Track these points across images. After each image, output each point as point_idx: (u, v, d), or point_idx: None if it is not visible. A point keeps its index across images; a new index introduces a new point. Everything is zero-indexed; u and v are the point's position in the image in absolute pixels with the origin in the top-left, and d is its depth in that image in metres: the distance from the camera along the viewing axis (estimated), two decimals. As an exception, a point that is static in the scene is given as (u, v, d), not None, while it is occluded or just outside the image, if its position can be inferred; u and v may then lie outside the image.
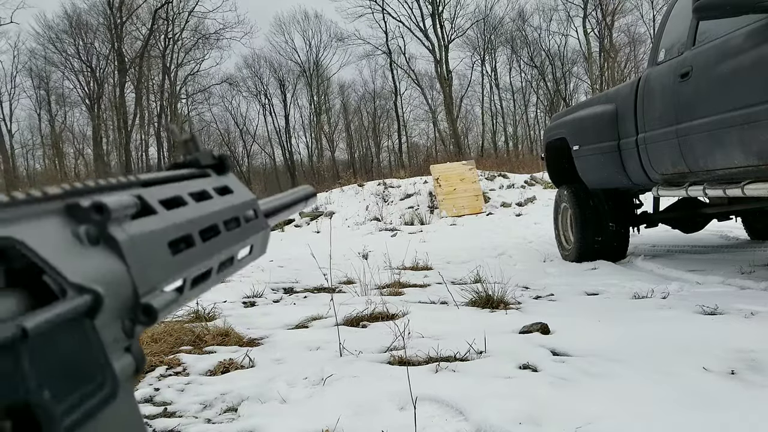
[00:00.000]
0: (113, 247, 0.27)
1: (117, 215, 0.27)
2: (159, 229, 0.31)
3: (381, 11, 28.89)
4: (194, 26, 28.76)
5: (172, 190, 0.35)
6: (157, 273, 0.29)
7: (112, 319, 0.25)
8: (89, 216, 0.26)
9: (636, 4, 28.45)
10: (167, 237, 0.31)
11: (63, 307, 0.22)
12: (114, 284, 0.25)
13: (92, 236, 0.26)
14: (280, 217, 0.51)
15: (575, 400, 1.64)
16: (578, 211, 4.66)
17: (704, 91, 3.22)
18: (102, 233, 0.26)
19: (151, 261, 0.29)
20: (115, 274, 0.26)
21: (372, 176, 20.74)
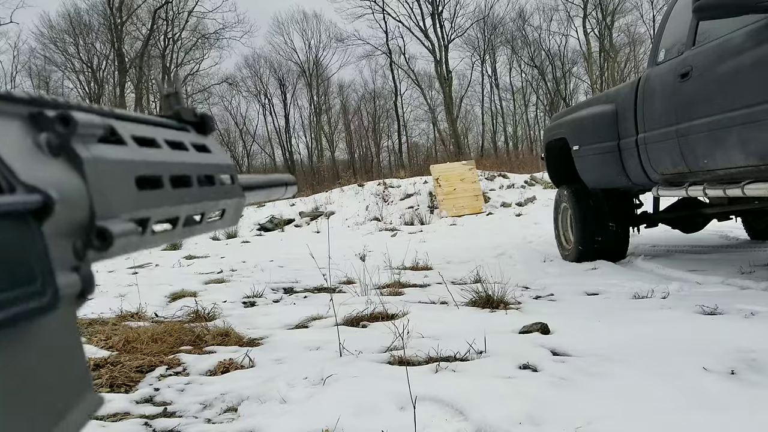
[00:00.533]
0: (74, 162, 0.26)
1: (83, 132, 0.26)
2: (127, 159, 0.29)
3: (381, 11, 28.92)
4: (194, 26, 28.79)
5: (147, 131, 0.34)
6: (118, 202, 0.28)
7: (61, 233, 0.24)
8: (53, 126, 0.25)
9: (636, 4, 28.47)
10: (135, 171, 0.30)
11: (9, 199, 0.21)
12: (69, 198, 0.24)
13: (53, 146, 0.25)
14: (257, 196, 0.50)
15: (575, 400, 1.64)
16: (578, 211, 4.66)
17: (704, 91, 3.22)
18: (64, 146, 0.25)
19: (113, 188, 0.28)
20: (72, 188, 0.25)
21: (372, 176, 20.74)
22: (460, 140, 29.09)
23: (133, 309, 3.37)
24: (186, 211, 0.35)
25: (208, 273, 5.34)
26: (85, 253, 0.25)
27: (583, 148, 4.55)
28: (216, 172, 0.40)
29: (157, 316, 3.38)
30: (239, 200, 0.43)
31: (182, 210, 0.34)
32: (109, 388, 2.10)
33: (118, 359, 2.36)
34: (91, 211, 0.26)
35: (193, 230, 0.37)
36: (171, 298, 3.93)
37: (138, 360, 2.36)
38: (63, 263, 0.24)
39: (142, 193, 0.30)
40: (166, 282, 4.53)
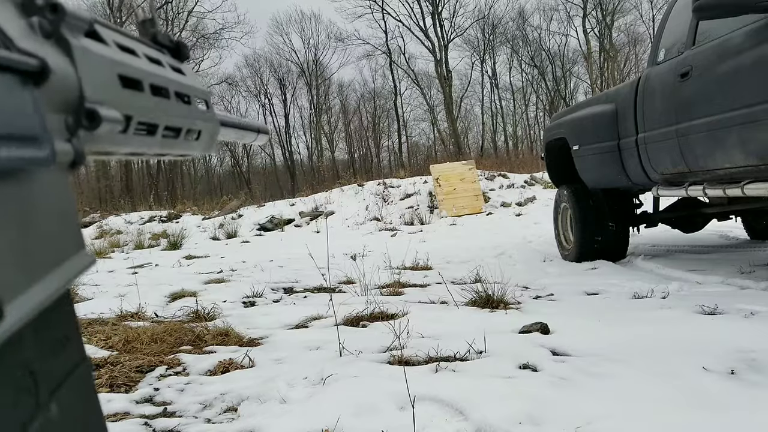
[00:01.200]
0: (65, 47, 0.27)
1: (70, 21, 0.27)
2: (111, 57, 0.31)
3: (381, 11, 28.91)
4: (193, 26, 28.79)
5: (127, 41, 0.35)
6: (105, 91, 0.29)
7: (54, 106, 0.26)
8: (43, 12, 0.26)
9: (636, 4, 28.49)
10: (118, 68, 0.31)
11: (11, 55, 0.22)
12: (61, 76, 0.26)
13: (45, 29, 0.26)
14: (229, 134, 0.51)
15: (575, 400, 1.64)
16: (578, 210, 4.66)
17: (704, 91, 3.22)
18: (55, 30, 0.27)
19: (100, 78, 0.29)
20: (64, 68, 0.26)
21: (372, 176, 20.73)
22: (460, 140, 29.09)
23: (133, 309, 3.37)
24: (165, 121, 0.36)
25: (208, 273, 5.34)
26: (76, 129, 0.27)
27: (583, 148, 4.55)
28: (192, 94, 0.41)
29: (157, 316, 3.38)
30: (214, 126, 0.45)
31: (161, 118, 0.35)
32: (109, 388, 2.10)
33: (118, 359, 2.36)
34: (81, 92, 0.27)
35: (172, 144, 0.38)
36: (171, 298, 3.93)
37: (138, 360, 2.36)
38: (57, 133, 0.26)
39: (125, 91, 0.31)
40: (165, 282, 4.52)
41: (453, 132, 28.38)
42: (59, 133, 0.26)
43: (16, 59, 0.23)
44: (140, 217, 12.84)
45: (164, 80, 0.37)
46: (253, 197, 17.62)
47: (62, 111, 0.27)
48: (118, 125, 0.30)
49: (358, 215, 11.60)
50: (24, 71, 0.23)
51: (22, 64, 0.23)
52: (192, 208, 14.28)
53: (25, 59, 0.23)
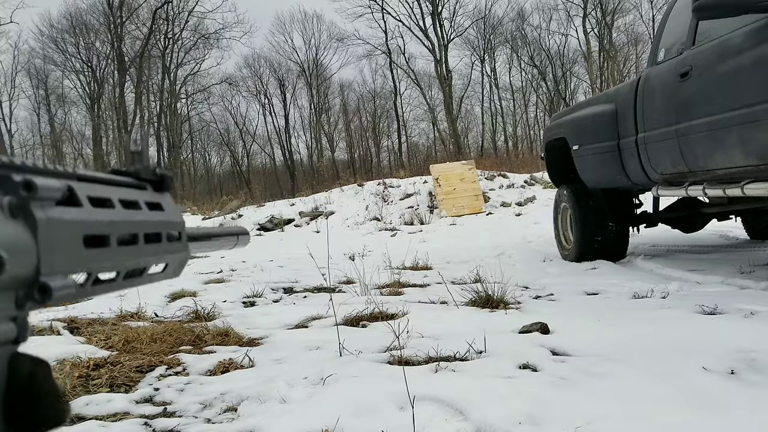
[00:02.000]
0: (30, 223, 0.28)
1: (42, 195, 0.29)
2: (78, 220, 0.32)
3: (381, 11, 28.90)
4: (194, 26, 28.79)
5: (104, 191, 0.36)
6: (64, 260, 0.30)
7: (5, 286, 0.27)
8: (16, 190, 0.28)
9: (635, 4, 28.49)
10: (84, 230, 0.32)
11: None
12: (19, 256, 0.27)
13: (14, 209, 0.28)
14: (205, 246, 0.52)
15: (575, 400, 1.64)
16: (578, 210, 4.66)
17: (704, 91, 3.22)
18: (23, 209, 0.28)
19: (61, 247, 0.30)
20: (24, 247, 0.27)
21: (372, 176, 20.73)
22: (460, 140, 29.08)
23: (133, 309, 3.37)
24: (127, 266, 0.37)
25: (208, 273, 5.34)
26: (24, 303, 0.29)
27: (583, 148, 4.55)
28: (164, 230, 0.42)
29: (157, 316, 3.38)
30: (184, 254, 0.46)
31: (124, 265, 0.37)
32: (108, 388, 2.10)
33: (118, 359, 2.36)
34: (37, 269, 0.28)
35: (133, 282, 0.39)
36: (171, 298, 3.93)
37: (138, 360, 2.36)
38: (2, 313, 0.27)
39: (87, 251, 0.32)
40: (165, 282, 4.51)
41: (453, 132, 28.38)
42: (4, 311, 0.28)
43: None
44: (140, 217, 12.82)
45: (134, 226, 0.38)
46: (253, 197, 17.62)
47: (12, 288, 0.28)
48: (72, 290, 0.31)
49: (358, 215, 11.60)
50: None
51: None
52: (192, 208, 14.28)
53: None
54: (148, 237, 0.40)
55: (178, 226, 0.45)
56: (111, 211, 0.36)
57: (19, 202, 0.28)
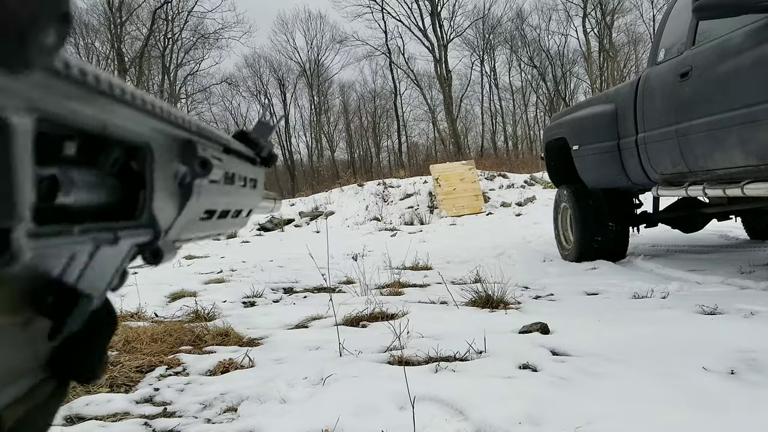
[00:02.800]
0: (184, 198, 0.30)
1: (208, 177, 0.31)
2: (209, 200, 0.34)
3: (380, 10, 28.91)
4: (194, 26, 28.78)
5: (235, 167, 0.39)
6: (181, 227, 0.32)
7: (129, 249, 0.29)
8: (193, 165, 0.29)
9: (635, 4, 28.48)
10: (206, 207, 0.35)
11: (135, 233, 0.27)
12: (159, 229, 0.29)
13: (183, 180, 0.30)
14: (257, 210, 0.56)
15: (575, 400, 1.64)
16: (578, 210, 4.66)
17: (704, 91, 3.22)
18: (189, 184, 0.30)
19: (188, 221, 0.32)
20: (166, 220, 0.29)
21: (372, 176, 20.74)
22: (460, 140, 29.08)
23: (133, 309, 3.36)
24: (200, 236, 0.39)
25: (208, 273, 5.34)
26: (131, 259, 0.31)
27: (583, 148, 4.55)
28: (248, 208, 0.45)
29: (157, 316, 3.38)
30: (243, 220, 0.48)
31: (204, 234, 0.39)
32: (108, 388, 2.10)
33: (118, 359, 2.36)
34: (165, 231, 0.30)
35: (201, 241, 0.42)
36: (171, 298, 3.93)
37: (138, 360, 2.36)
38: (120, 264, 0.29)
39: (199, 222, 0.35)
40: (165, 282, 4.52)
41: (453, 132, 28.38)
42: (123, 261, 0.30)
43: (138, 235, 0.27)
44: (140, 217, 12.83)
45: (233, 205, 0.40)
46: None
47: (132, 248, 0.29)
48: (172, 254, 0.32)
49: (358, 215, 11.60)
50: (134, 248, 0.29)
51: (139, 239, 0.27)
52: (192, 208, 14.26)
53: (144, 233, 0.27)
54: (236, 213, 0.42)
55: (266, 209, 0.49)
56: (231, 188, 0.38)
57: (191, 177, 0.29)
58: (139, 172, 0.26)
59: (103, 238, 0.24)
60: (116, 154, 0.26)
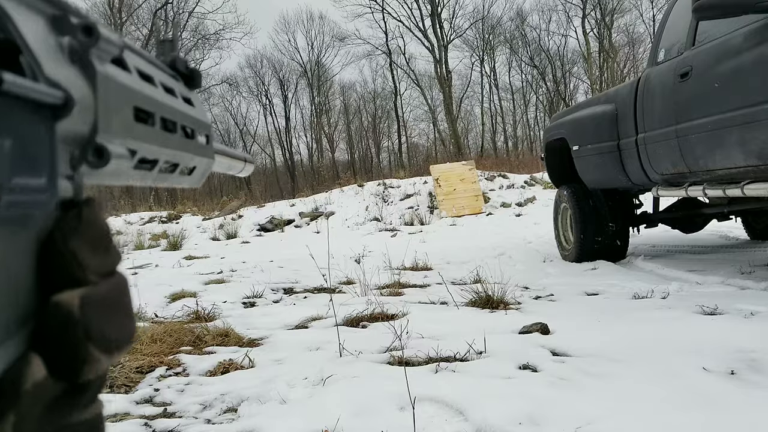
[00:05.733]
0: (89, 74, 0.25)
1: (101, 47, 0.26)
2: (131, 87, 0.29)
3: (381, 11, 28.93)
4: (194, 27, 28.78)
5: (148, 68, 0.33)
6: (117, 125, 0.27)
7: (65, 138, 0.24)
8: (75, 34, 0.25)
9: (635, 4, 28.49)
10: (135, 100, 0.29)
11: (37, 88, 0.21)
12: (79, 108, 0.24)
13: (73, 52, 0.25)
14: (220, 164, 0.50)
15: (575, 400, 1.64)
16: (578, 211, 4.66)
17: (704, 91, 3.22)
18: (83, 55, 0.25)
19: (115, 110, 0.27)
20: (84, 99, 0.24)
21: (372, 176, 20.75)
22: (460, 140, 29.08)
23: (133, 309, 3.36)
24: (166, 156, 0.34)
25: (208, 273, 5.34)
26: (79, 165, 0.25)
27: (583, 148, 4.55)
28: (197, 128, 0.40)
29: (157, 316, 3.38)
30: (209, 161, 0.43)
31: (163, 153, 0.34)
32: (109, 388, 2.10)
33: (118, 359, 2.36)
34: (94, 126, 0.25)
35: (165, 178, 0.37)
36: (171, 298, 3.93)
37: (138, 360, 2.36)
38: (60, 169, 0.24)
39: (137, 124, 0.30)
40: (166, 282, 4.52)
41: (453, 132, 28.38)
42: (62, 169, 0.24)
43: (43, 92, 0.21)
44: (140, 217, 12.85)
45: (175, 114, 0.35)
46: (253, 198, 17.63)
47: (69, 144, 0.24)
48: (124, 162, 0.28)
49: (358, 216, 11.60)
50: (45, 104, 0.22)
51: (47, 98, 0.21)
52: (192, 209, 14.28)
53: (51, 92, 0.22)
54: (184, 130, 0.37)
55: (206, 128, 0.42)
56: (155, 90, 0.33)
57: (80, 46, 0.25)
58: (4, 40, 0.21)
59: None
60: None
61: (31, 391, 0.21)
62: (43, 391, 0.21)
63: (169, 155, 0.35)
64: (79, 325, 0.22)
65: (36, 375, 0.21)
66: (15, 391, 0.20)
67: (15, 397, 0.20)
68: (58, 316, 0.22)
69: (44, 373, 0.22)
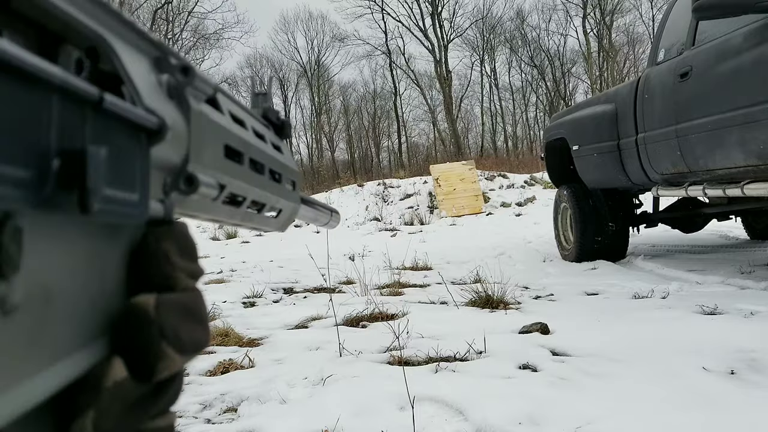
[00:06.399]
0: (184, 109, 0.27)
1: (197, 85, 0.28)
2: (223, 125, 0.31)
3: (380, 11, 28.92)
4: (194, 27, 28.77)
5: (240, 113, 0.36)
6: (208, 158, 0.30)
7: (158, 165, 0.26)
8: (174, 73, 0.27)
9: (635, 4, 28.52)
10: (226, 138, 0.32)
11: (135, 111, 0.23)
12: (174, 137, 0.26)
13: (171, 88, 0.27)
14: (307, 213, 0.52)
15: (575, 400, 1.64)
16: (578, 211, 4.66)
17: (704, 91, 3.22)
18: (180, 92, 0.27)
19: (207, 145, 0.30)
20: (178, 130, 0.27)
21: (372, 176, 20.74)
22: (460, 140, 29.09)
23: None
24: (253, 195, 0.36)
25: (208, 273, 5.34)
26: (170, 192, 0.28)
27: (583, 148, 4.55)
28: (284, 173, 0.42)
29: (157, 316, 3.37)
30: (295, 206, 0.45)
31: (251, 192, 0.36)
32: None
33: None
34: (187, 157, 0.27)
35: (252, 218, 0.39)
36: (171, 298, 3.93)
37: (138, 360, 2.36)
38: (154, 191, 0.26)
39: (226, 161, 0.32)
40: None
41: (453, 132, 28.38)
42: (155, 191, 0.26)
43: (140, 115, 0.23)
44: (140, 217, 12.83)
45: (264, 156, 0.37)
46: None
47: (162, 170, 0.26)
48: (213, 192, 0.30)
49: (358, 215, 11.60)
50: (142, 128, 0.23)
51: (143, 121, 0.23)
52: (192, 209, 14.27)
53: (147, 117, 0.23)
54: (272, 174, 0.39)
55: (295, 175, 0.44)
56: (247, 133, 0.35)
57: (177, 84, 0.27)
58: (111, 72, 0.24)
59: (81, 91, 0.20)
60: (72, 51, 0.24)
61: (111, 389, 0.22)
62: (122, 390, 0.23)
63: (256, 195, 0.37)
64: (153, 324, 0.24)
65: (117, 374, 0.23)
66: (96, 387, 0.22)
67: (96, 393, 0.22)
68: (135, 315, 0.24)
69: (125, 374, 0.23)
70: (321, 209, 0.55)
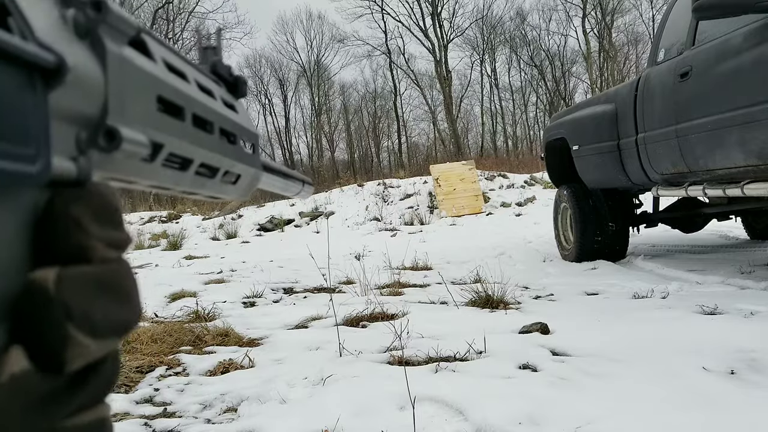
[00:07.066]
0: (99, 50, 0.23)
1: (113, 23, 0.24)
2: (153, 74, 0.27)
3: (380, 11, 28.93)
4: (195, 27, 28.77)
5: (179, 63, 0.32)
6: (135, 111, 0.25)
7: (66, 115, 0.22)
8: (83, 8, 0.23)
9: (635, 4, 28.50)
10: (159, 89, 0.27)
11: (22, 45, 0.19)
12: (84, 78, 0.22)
13: (79, 26, 0.23)
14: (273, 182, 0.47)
15: (575, 400, 1.64)
16: (578, 211, 4.66)
17: (704, 91, 3.22)
18: (91, 30, 0.23)
19: (133, 96, 0.25)
20: (90, 72, 0.22)
21: (372, 176, 20.74)
22: (460, 140, 29.09)
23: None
24: (202, 156, 0.32)
25: (208, 273, 5.34)
26: (87, 148, 0.23)
27: (583, 148, 4.55)
28: (239, 133, 0.37)
29: (157, 316, 3.38)
30: (256, 172, 0.41)
31: (198, 153, 0.31)
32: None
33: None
34: (105, 107, 0.23)
35: (204, 183, 0.35)
36: (171, 298, 3.93)
37: (138, 360, 2.36)
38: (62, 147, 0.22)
39: (161, 115, 0.28)
40: (166, 282, 4.52)
41: (453, 132, 28.38)
42: (64, 146, 0.22)
43: (29, 51, 0.19)
44: (140, 217, 12.86)
45: (211, 114, 0.33)
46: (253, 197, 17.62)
47: (74, 123, 0.22)
48: (143, 151, 0.25)
49: (358, 215, 11.60)
50: (35, 66, 0.19)
51: (33, 57, 0.19)
52: (192, 209, 14.28)
53: (38, 52, 0.19)
54: (224, 133, 0.34)
55: (253, 137, 0.39)
56: (187, 85, 0.31)
57: (86, 20, 0.23)
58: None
59: None
60: None
61: (7, 385, 0.18)
62: (24, 385, 0.19)
63: (205, 157, 0.32)
64: (54, 303, 0.20)
65: (13, 366, 0.19)
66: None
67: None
68: (32, 293, 0.20)
69: (25, 364, 0.19)
70: (290, 179, 0.50)
